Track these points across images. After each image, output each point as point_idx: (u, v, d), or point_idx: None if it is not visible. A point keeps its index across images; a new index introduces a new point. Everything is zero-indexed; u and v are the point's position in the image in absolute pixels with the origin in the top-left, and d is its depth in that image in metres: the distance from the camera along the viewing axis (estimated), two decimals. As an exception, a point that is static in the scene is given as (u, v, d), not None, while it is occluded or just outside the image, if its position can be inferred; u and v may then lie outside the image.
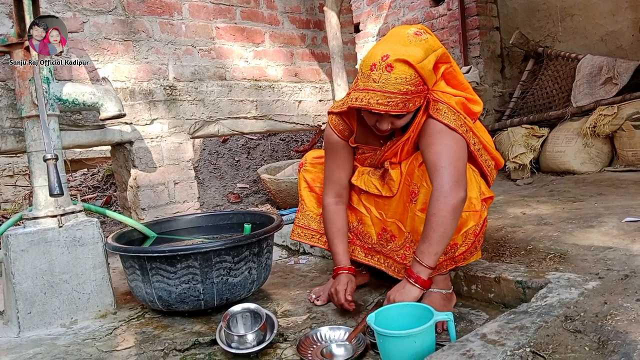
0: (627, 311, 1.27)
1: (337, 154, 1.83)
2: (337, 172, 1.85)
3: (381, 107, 1.49)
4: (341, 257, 1.83)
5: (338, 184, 1.85)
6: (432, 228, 1.50)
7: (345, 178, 1.86)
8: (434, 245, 1.50)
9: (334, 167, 1.85)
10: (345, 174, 1.85)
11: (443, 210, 1.48)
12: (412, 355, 1.28)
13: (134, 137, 2.86)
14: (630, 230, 2.00)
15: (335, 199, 1.86)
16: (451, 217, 1.49)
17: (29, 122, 1.99)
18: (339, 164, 1.84)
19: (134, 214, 2.93)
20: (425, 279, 1.53)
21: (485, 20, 4.94)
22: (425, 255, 1.51)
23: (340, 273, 1.80)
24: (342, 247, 1.84)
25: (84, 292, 1.96)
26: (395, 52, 1.47)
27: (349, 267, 1.82)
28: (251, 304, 1.67)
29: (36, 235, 1.89)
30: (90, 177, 5.21)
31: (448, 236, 1.52)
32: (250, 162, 5.10)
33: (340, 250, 1.84)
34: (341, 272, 1.80)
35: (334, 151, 1.84)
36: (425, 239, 1.52)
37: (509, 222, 2.42)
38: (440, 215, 1.49)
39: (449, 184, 1.50)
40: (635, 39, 4.08)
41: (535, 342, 1.17)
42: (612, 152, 3.73)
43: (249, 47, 3.43)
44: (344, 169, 1.85)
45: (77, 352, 1.66)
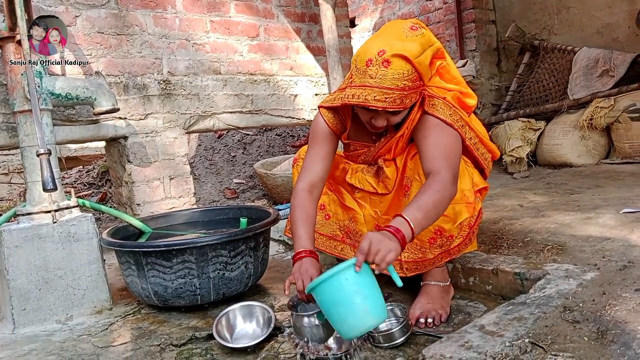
0: (625, 301, 1.26)
1: (322, 147, 1.72)
2: (317, 164, 1.71)
3: (379, 103, 1.44)
4: (303, 241, 1.57)
5: (315, 176, 1.70)
6: (432, 200, 1.38)
7: (322, 172, 1.71)
8: (426, 219, 1.36)
9: (315, 159, 1.71)
10: (323, 168, 1.71)
11: (441, 193, 1.41)
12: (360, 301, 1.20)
13: (129, 132, 2.84)
14: (628, 222, 1.99)
15: (309, 188, 1.68)
16: (446, 204, 1.44)
17: (21, 117, 1.97)
18: (321, 156, 1.71)
19: (129, 210, 2.91)
20: (405, 237, 1.31)
21: (481, 14, 4.92)
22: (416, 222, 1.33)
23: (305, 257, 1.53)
24: (307, 231, 1.61)
25: (79, 288, 1.94)
26: (391, 47, 1.43)
27: (311, 251, 1.56)
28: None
29: (30, 231, 1.88)
30: (86, 174, 5.18)
31: (435, 218, 1.42)
32: (246, 157, 5.08)
33: (303, 234, 1.59)
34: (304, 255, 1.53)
35: (319, 143, 1.72)
36: (421, 207, 1.37)
37: (506, 214, 2.41)
38: (440, 194, 1.40)
39: (447, 173, 1.46)
40: (631, 31, 4.07)
41: (533, 332, 1.17)
42: (609, 145, 3.72)
43: (243, 41, 3.40)
44: (323, 163, 1.71)
45: (73, 348, 1.65)
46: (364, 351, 1.45)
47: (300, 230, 1.60)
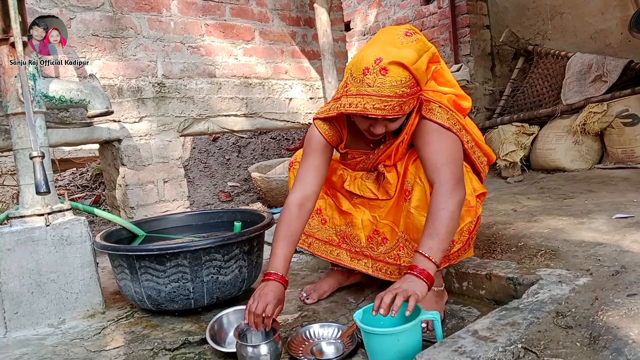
0: (618, 306, 1.27)
1: (316, 157, 1.71)
2: (312, 175, 1.70)
3: (378, 111, 1.44)
4: (277, 263, 1.57)
5: (309, 187, 1.69)
6: (441, 223, 1.42)
7: (316, 185, 1.70)
8: (443, 241, 1.42)
9: (310, 169, 1.71)
10: (318, 178, 1.71)
11: (452, 205, 1.44)
12: (395, 354, 1.27)
13: (122, 134, 2.83)
14: (621, 227, 2.00)
15: (301, 201, 1.67)
16: (458, 212, 1.46)
17: (14, 119, 1.96)
18: (316, 167, 1.71)
19: (123, 213, 2.90)
20: (432, 275, 1.39)
21: (475, 19, 4.95)
22: (434, 251, 1.40)
23: (272, 280, 1.53)
24: (285, 252, 1.60)
25: (72, 291, 1.93)
26: (388, 54, 1.42)
27: (282, 276, 1.55)
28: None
29: (23, 234, 1.86)
30: (79, 177, 5.16)
31: (454, 232, 1.47)
32: (240, 160, 5.08)
33: (280, 254, 1.58)
34: (273, 278, 1.53)
35: (314, 153, 1.72)
36: (433, 235, 1.42)
37: (500, 219, 2.42)
38: (449, 209, 1.43)
39: (453, 181, 1.48)
40: (624, 37, 4.10)
41: (526, 338, 1.17)
42: (602, 150, 3.75)
43: (238, 45, 3.40)
44: (318, 173, 1.71)
45: (65, 352, 1.64)
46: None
47: (279, 249, 1.60)
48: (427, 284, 1.36)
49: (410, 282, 1.36)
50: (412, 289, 1.33)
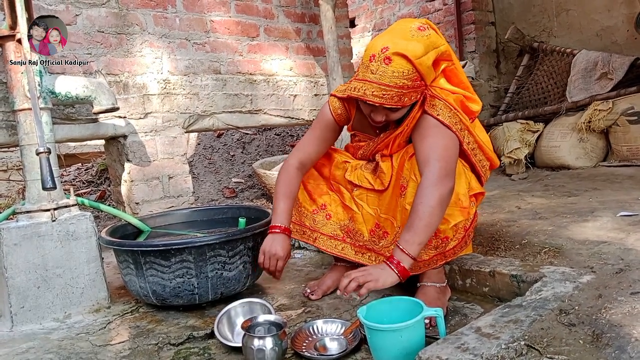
0: (621, 304, 1.27)
1: (321, 131, 1.86)
2: (312, 145, 1.86)
3: (376, 99, 1.49)
4: (281, 215, 1.76)
5: (307, 155, 1.86)
6: (418, 216, 1.46)
7: (315, 156, 1.87)
8: (419, 235, 1.45)
9: (311, 140, 1.87)
10: (317, 150, 1.87)
11: (431, 200, 1.46)
12: (398, 350, 1.27)
13: (128, 131, 2.84)
14: (625, 225, 2.00)
15: (299, 165, 1.85)
16: (438, 207, 1.47)
17: (21, 115, 1.97)
18: (318, 139, 1.86)
19: (128, 208, 2.91)
20: (407, 269, 1.44)
21: (480, 15, 4.93)
22: (410, 244, 1.44)
23: (278, 232, 1.75)
24: (287, 206, 1.79)
25: (77, 286, 1.95)
26: (395, 45, 1.46)
27: (285, 227, 1.76)
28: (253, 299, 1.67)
29: (29, 229, 1.88)
30: (85, 172, 5.18)
31: (433, 227, 1.48)
32: (245, 156, 5.08)
33: (283, 208, 1.77)
34: (278, 231, 1.75)
35: (319, 127, 1.86)
36: (410, 228, 1.46)
37: (503, 216, 2.42)
38: (427, 204, 1.46)
39: (438, 175, 1.49)
40: (630, 34, 4.08)
41: (529, 335, 1.17)
42: (607, 147, 3.73)
43: (243, 41, 3.41)
44: (318, 146, 1.87)
45: (71, 346, 1.65)
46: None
47: (281, 203, 1.77)
48: (397, 275, 1.43)
49: (380, 269, 1.45)
50: (376, 275, 1.42)
